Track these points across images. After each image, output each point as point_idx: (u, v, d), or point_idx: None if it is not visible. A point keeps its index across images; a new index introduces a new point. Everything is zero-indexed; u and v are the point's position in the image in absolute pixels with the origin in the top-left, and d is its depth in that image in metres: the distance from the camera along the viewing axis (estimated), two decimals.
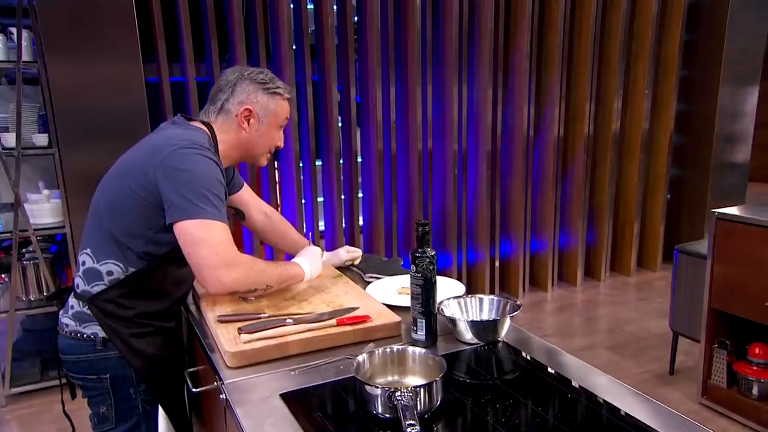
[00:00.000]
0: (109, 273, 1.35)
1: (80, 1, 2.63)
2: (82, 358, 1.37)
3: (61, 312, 1.42)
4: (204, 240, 1.25)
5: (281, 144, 1.54)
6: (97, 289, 1.34)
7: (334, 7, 3.48)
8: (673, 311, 2.89)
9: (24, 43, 2.63)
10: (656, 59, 4.36)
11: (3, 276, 3.40)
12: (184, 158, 1.28)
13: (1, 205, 2.98)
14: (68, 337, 1.38)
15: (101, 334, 1.35)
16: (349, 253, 1.93)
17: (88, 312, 1.34)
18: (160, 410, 1.47)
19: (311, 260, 1.56)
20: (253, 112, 1.44)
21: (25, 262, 2.80)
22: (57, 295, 1.47)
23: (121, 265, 1.34)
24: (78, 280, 1.37)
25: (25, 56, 2.65)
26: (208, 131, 1.43)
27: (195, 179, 1.27)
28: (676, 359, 2.98)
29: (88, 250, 1.36)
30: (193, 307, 1.65)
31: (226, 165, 1.50)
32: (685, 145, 4.63)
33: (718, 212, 2.48)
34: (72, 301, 1.38)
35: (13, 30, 2.65)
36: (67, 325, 1.38)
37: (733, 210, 2.50)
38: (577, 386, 1.18)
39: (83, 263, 1.36)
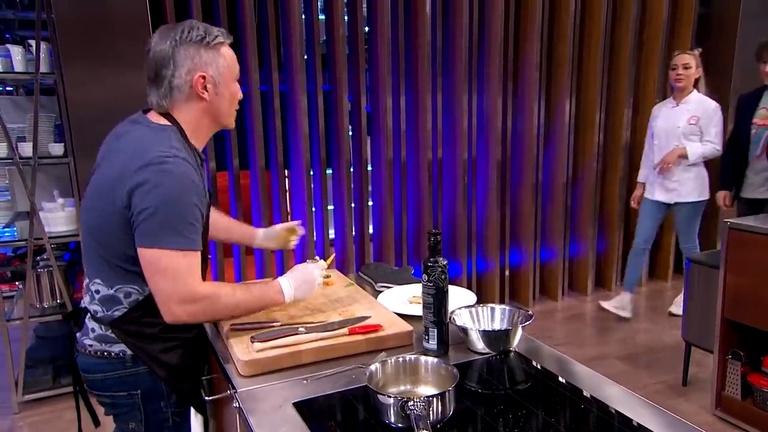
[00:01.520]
0: (128, 295, 1.30)
1: (97, 13, 2.68)
2: (109, 375, 1.32)
3: (79, 333, 1.37)
4: (162, 271, 1.20)
5: (241, 95, 1.41)
6: (118, 313, 1.30)
7: (345, 17, 3.52)
8: (686, 321, 2.87)
9: (42, 55, 2.68)
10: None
11: (17, 283, 3.45)
12: (152, 177, 1.18)
13: (17, 213, 3.02)
14: (93, 357, 1.32)
15: (129, 351, 1.31)
16: (287, 229, 1.79)
17: (112, 335, 1.30)
18: (192, 416, 1.45)
19: (297, 282, 1.43)
20: (207, 76, 1.29)
21: (39, 270, 2.83)
22: (72, 317, 1.41)
23: (137, 288, 1.29)
24: (95, 307, 1.31)
25: (43, 67, 2.70)
26: (172, 124, 1.31)
27: (160, 203, 1.18)
28: (689, 370, 2.95)
29: (99, 280, 1.30)
30: None
31: (201, 146, 1.38)
32: None
33: (731, 222, 2.46)
34: (92, 324, 1.32)
35: (32, 42, 2.71)
36: (90, 345, 1.32)
37: (746, 220, 2.49)
38: (588, 396, 1.18)
39: (97, 291, 1.30)
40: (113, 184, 1.22)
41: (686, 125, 3.38)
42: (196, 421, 1.45)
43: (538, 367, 1.32)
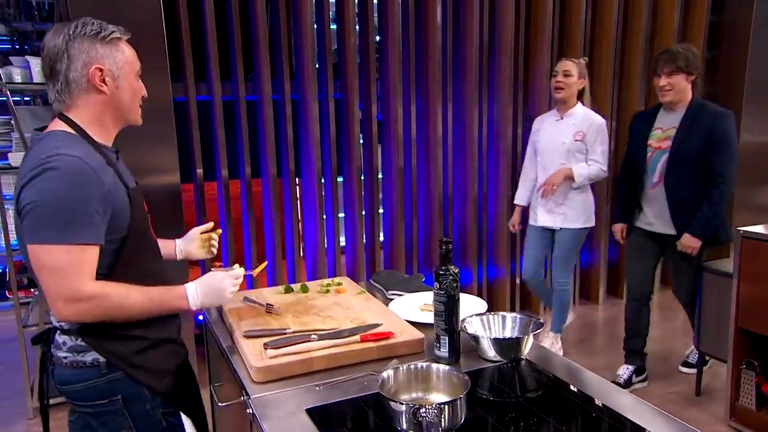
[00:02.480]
0: None
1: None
2: (87, 384, 1.31)
3: (52, 348, 1.35)
4: (43, 267, 1.19)
5: (145, 92, 1.40)
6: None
7: (357, 27, 3.55)
8: (699, 331, 2.84)
9: None
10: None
11: (33, 290, 3.50)
12: (33, 176, 1.18)
13: None
14: (69, 368, 1.31)
15: (102, 358, 1.30)
16: (201, 230, 1.71)
17: (83, 343, 1.29)
18: (184, 417, 1.45)
19: (205, 289, 1.39)
20: (105, 69, 1.29)
21: None
22: (41, 339, 1.40)
23: None
24: (62, 323, 1.31)
25: None
26: (65, 124, 1.29)
27: (41, 198, 1.17)
28: (702, 380, 2.92)
29: None
30: (217, 321, 1.68)
31: (109, 141, 1.37)
32: None
33: (744, 230, 2.45)
34: (62, 338, 1.31)
35: None
36: (64, 358, 1.31)
37: (759, 228, 2.47)
38: (600, 405, 1.18)
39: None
40: (15, 203, 1.23)
41: (572, 141, 3.00)
42: (188, 422, 1.44)
43: (550, 375, 1.32)
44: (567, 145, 3.02)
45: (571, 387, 1.26)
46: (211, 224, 1.73)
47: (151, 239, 1.43)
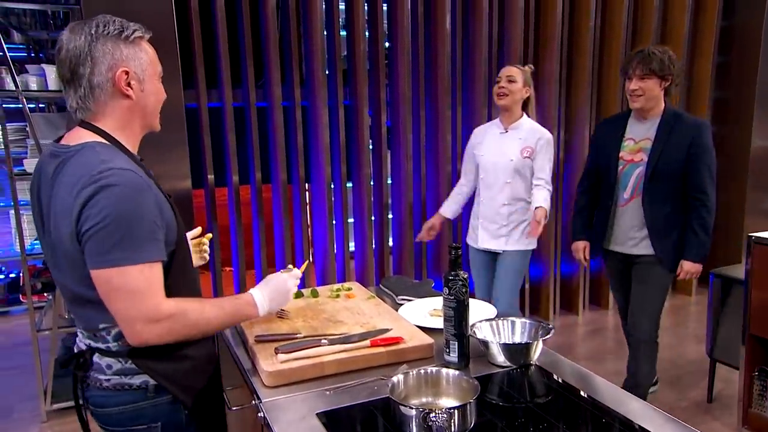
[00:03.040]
0: None
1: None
2: (128, 408, 1.24)
3: (91, 371, 1.25)
4: (117, 291, 1.12)
5: (165, 95, 1.31)
6: None
7: (366, 33, 3.57)
8: (710, 338, 2.82)
9: None
10: (688, 81, 4.32)
11: (47, 294, 3.54)
12: (92, 196, 1.09)
13: None
14: (110, 390, 1.23)
15: (152, 381, 1.23)
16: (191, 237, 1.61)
17: (133, 365, 1.22)
18: None
19: (272, 293, 1.37)
20: (131, 72, 1.20)
21: None
22: (72, 362, 1.28)
23: None
24: (108, 344, 1.23)
25: None
26: (94, 134, 1.20)
27: (104, 218, 1.09)
28: (714, 387, 2.90)
29: (104, 324, 1.21)
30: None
31: (134, 150, 1.27)
32: (720, 167, 4.53)
33: (755, 236, 2.43)
34: (106, 360, 1.23)
35: None
36: (107, 380, 1.23)
37: None
38: (611, 411, 1.18)
39: (108, 332, 1.21)
40: (66, 223, 1.13)
41: (520, 158, 2.71)
42: None
43: (559, 380, 1.32)
44: (515, 162, 2.72)
45: (581, 393, 1.26)
46: (199, 229, 1.68)
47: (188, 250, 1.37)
